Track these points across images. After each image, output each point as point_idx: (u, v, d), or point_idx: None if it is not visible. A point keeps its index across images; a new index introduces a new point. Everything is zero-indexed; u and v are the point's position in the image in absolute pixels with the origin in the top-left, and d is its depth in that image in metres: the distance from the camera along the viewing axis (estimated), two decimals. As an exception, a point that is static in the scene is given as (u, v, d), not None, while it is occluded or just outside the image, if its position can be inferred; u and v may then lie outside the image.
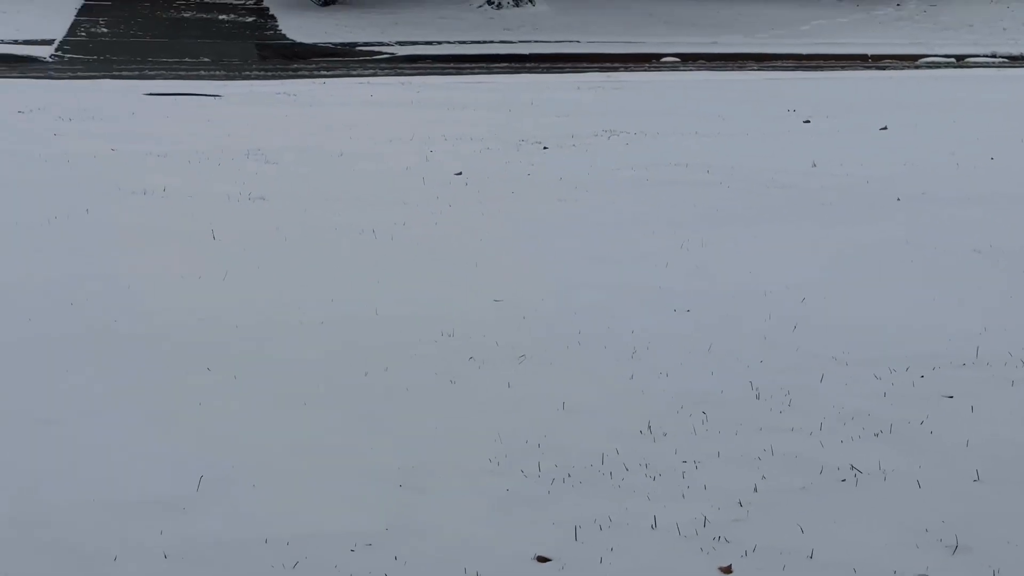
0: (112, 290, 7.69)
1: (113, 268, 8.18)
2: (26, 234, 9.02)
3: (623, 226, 9.55)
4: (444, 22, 30.12)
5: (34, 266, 8.21)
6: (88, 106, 15.40)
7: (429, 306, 7.48)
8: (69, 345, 6.71)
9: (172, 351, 6.67)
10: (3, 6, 31.38)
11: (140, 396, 6.05)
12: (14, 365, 6.43)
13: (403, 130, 13.84)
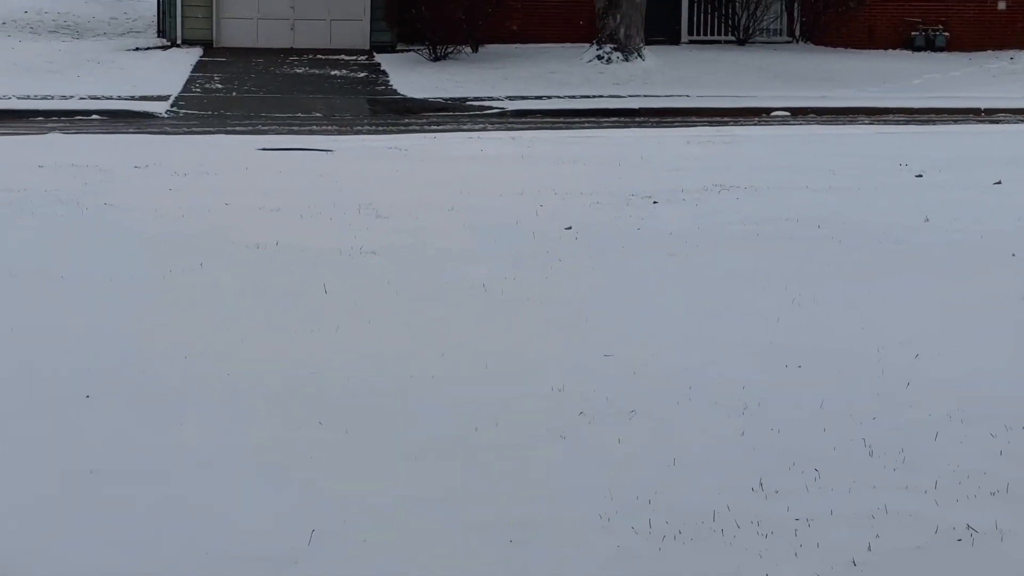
0: (225, 343, 7.76)
1: (226, 322, 8.25)
2: (141, 288, 9.13)
3: (734, 281, 9.51)
4: (554, 76, 30.21)
5: (149, 319, 8.31)
6: (202, 161, 15.59)
7: (539, 361, 7.48)
8: (182, 398, 6.77)
9: (284, 404, 6.71)
10: (121, 62, 31.90)
11: (252, 449, 6.10)
12: (128, 418, 6.49)
13: (513, 184, 13.88)
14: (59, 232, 11.03)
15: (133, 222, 11.53)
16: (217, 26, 34.32)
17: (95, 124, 24.19)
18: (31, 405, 6.65)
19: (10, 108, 25.85)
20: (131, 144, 18.41)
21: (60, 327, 8.06)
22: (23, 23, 39.90)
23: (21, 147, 17.55)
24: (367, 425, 6.41)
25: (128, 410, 6.59)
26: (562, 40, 34.18)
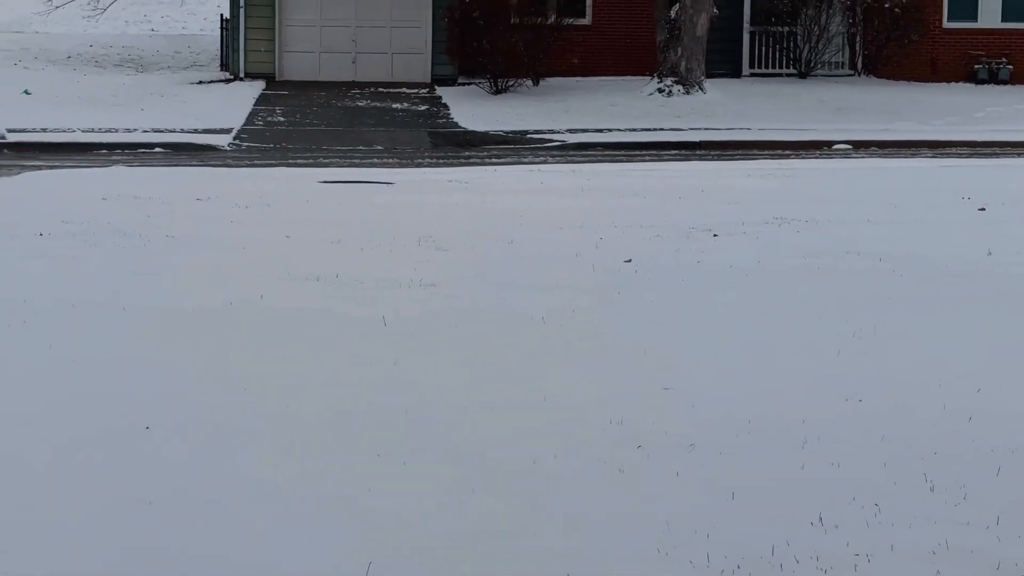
0: (284, 375, 7.78)
1: (285, 353, 8.28)
2: (202, 320, 9.17)
3: (794, 314, 9.47)
4: (615, 110, 30.23)
5: (208, 350, 8.35)
6: (264, 193, 15.66)
7: (597, 393, 7.46)
8: (240, 429, 6.79)
9: (342, 436, 6.72)
10: (185, 96, 32.14)
11: (310, 480, 6.10)
12: (187, 448, 6.51)
13: (573, 217, 13.88)
14: (121, 264, 11.10)
15: (195, 254, 11.59)
16: (280, 59, 34.55)
17: (158, 157, 24.38)
18: (90, 435, 6.69)
19: (75, 141, 26.09)
20: (193, 176, 18.53)
21: (121, 358, 8.11)
22: (88, 57, 40.28)
23: (85, 180, 17.69)
24: (424, 457, 6.41)
25: (187, 441, 6.61)
26: (623, 73, 34.22)
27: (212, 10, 46.19)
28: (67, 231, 12.63)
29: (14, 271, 10.75)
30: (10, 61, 38.77)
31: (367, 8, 34.64)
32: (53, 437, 6.65)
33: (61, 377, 7.68)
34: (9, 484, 6.06)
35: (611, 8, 35.05)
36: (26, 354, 8.17)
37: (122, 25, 47.55)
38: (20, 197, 15.55)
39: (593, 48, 34.69)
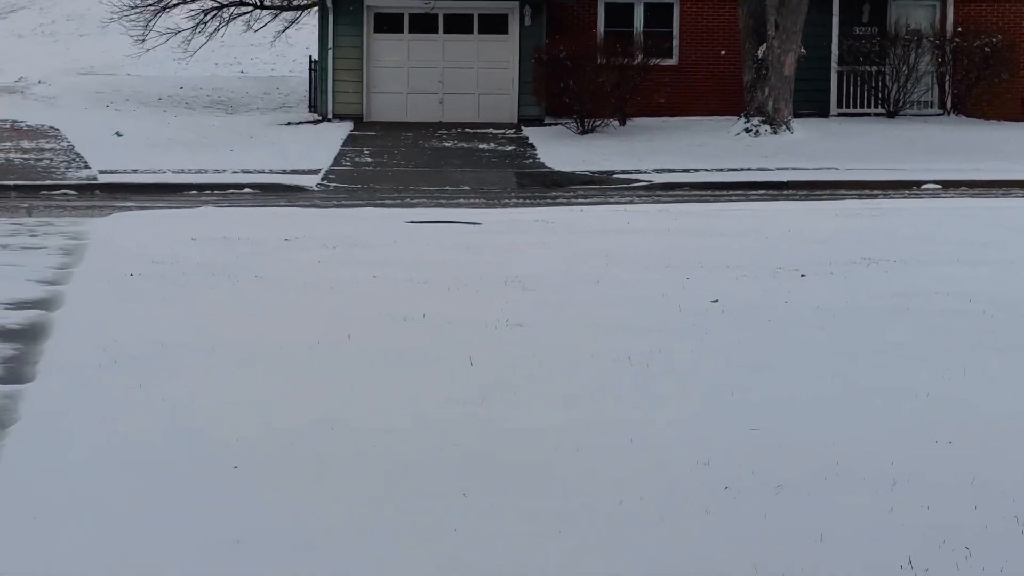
0: (371, 415, 7.81)
1: (372, 393, 8.31)
2: (290, 359, 9.22)
3: (883, 355, 9.40)
4: (701, 150, 30.18)
5: (296, 390, 8.38)
6: (351, 234, 15.75)
7: (684, 434, 7.43)
8: (328, 468, 6.81)
9: (428, 476, 6.73)
10: (273, 137, 32.40)
11: (396, 520, 6.11)
12: (275, 488, 6.54)
13: (660, 257, 13.85)
14: (210, 304, 11.19)
15: (282, 293, 11.67)
16: (367, 101, 34.77)
17: (247, 197, 24.58)
18: (180, 474, 6.73)
19: (165, 182, 26.36)
20: (282, 217, 18.67)
21: (210, 398, 8.17)
22: (179, 98, 40.73)
23: (175, 220, 17.86)
24: (511, 497, 6.41)
25: (274, 480, 6.64)
26: (710, 113, 34.18)
27: (301, 52, 46.57)
28: (157, 272, 12.74)
29: (105, 311, 10.85)
30: (102, 103, 39.28)
31: (455, 50, 34.82)
32: (143, 477, 6.70)
33: (151, 417, 7.75)
34: (105, 526, 6.11)
35: (698, 48, 35.03)
36: (116, 394, 8.24)
37: (212, 67, 48.05)
38: (111, 238, 15.71)
39: (680, 88, 34.67)
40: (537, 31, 34.32)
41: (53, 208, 22.74)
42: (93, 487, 6.58)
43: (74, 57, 54.24)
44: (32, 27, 62.87)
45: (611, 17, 35.00)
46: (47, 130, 33.59)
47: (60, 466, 6.86)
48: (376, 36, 34.88)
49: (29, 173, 27.47)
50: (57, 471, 6.78)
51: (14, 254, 14.39)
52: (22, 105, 39.46)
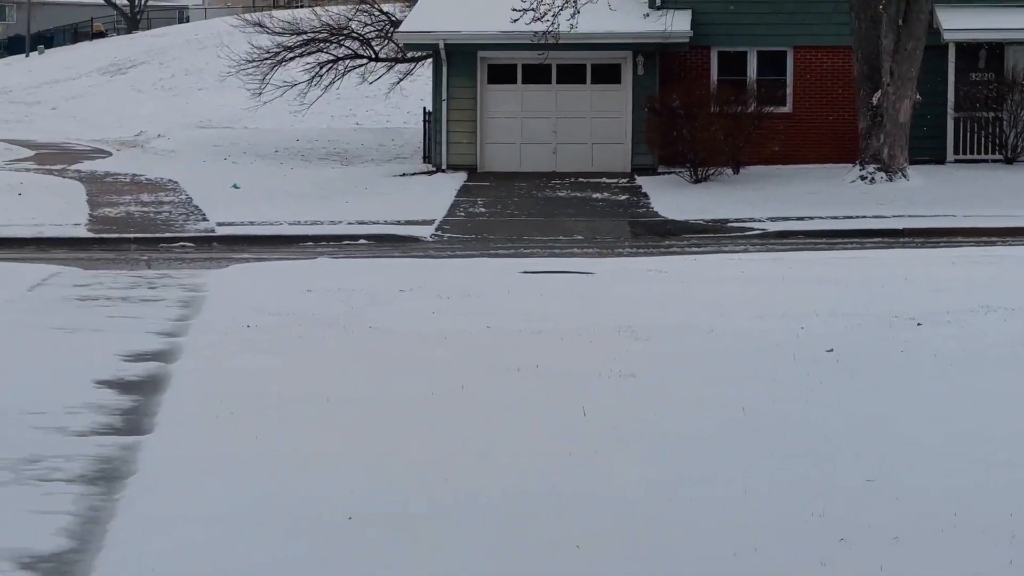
0: (484, 466, 7.82)
1: (485, 444, 8.33)
2: (404, 410, 9.27)
3: (1002, 404, 9.28)
4: (815, 197, 30.00)
5: (411, 441, 8.42)
6: (465, 284, 15.81)
7: (799, 485, 7.38)
8: (442, 520, 6.83)
9: (539, 528, 6.72)
10: (388, 188, 32.65)
11: (510, 572, 6.11)
12: (391, 537, 6.57)
13: (774, 306, 13.78)
14: (325, 356, 11.28)
15: (396, 344, 11.74)
16: (481, 151, 34.95)
17: (362, 248, 24.77)
18: (294, 526, 6.78)
19: (281, 233, 26.63)
20: (396, 268, 18.79)
21: (324, 449, 8.22)
22: (295, 151, 41.17)
23: (291, 272, 18.03)
24: (623, 550, 6.39)
25: (388, 530, 6.67)
26: (824, 161, 33.97)
27: (415, 103, 46.93)
28: (273, 323, 12.87)
29: (222, 363, 10.97)
30: (220, 156, 39.81)
31: (568, 100, 34.93)
32: (258, 530, 6.76)
33: (267, 470, 7.81)
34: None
35: (812, 96, 34.89)
36: (233, 446, 8.32)
37: (328, 119, 48.55)
38: (228, 290, 15.89)
39: (794, 136, 34.52)
40: (650, 80, 34.35)
41: (172, 260, 23.05)
42: (208, 540, 6.63)
43: (192, 111, 55.04)
44: (152, 82, 63.88)
45: (724, 65, 34.96)
46: (166, 183, 34.08)
47: (176, 518, 6.93)
48: (490, 87, 35.07)
49: (148, 226, 27.87)
50: (173, 522, 6.86)
51: (134, 306, 14.60)
52: (142, 159, 40.10)
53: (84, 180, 34.56)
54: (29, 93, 66.96)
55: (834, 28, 33.41)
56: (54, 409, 9.26)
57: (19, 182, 33.21)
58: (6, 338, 12.30)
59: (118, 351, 11.54)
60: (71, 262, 21.58)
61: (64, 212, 29.11)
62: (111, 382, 10.27)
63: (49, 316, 13.70)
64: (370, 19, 42.07)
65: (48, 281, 16.91)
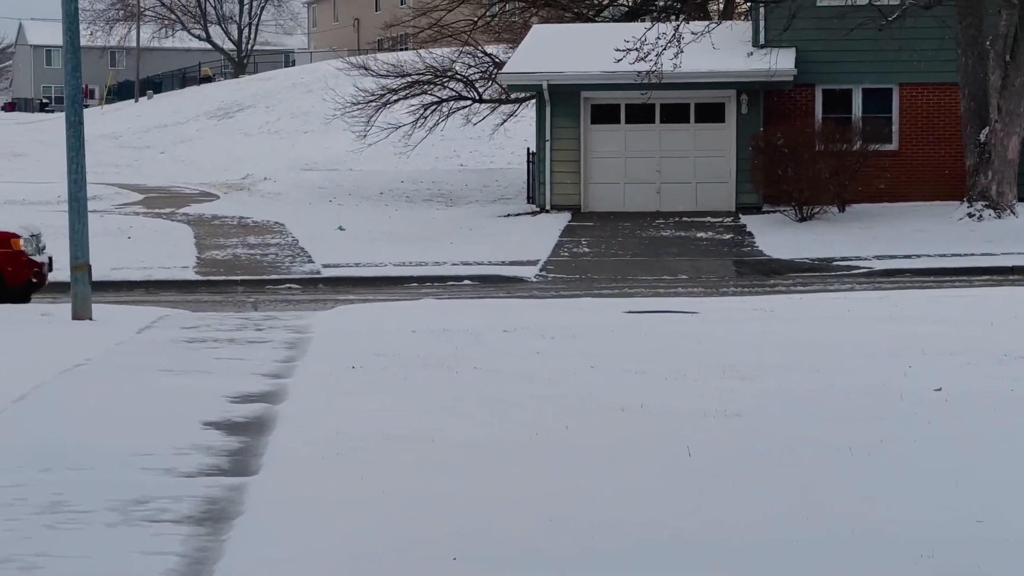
0: (588, 507, 7.80)
1: (590, 484, 8.30)
2: (510, 450, 9.26)
3: (1114, 444, 9.13)
4: (922, 235, 29.77)
5: (513, 481, 8.41)
6: (569, 324, 15.81)
7: (908, 526, 7.29)
8: (550, 560, 6.81)
9: (649, 570, 6.69)
10: (492, 228, 32.77)
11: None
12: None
13: (881, 345, 13.66)
14: (430, 396, 11.31)
15: (502, 385, 11.75)
16: (585, 191, 35.00)
17: (466, 289, 24.86)
18: (399, 566, 6.79)
19: (386, 275, 26.79)
20: (500, 308, 18.82)
21: (430, 490, 8.23)
22: (400, 192, 41.43)
23: (396, 313, 18.12)
24: (730, 591, 6.35)
25: (496, 574, 6.67)
26: (931, 198, 33.72)
27: (519, 144, 47.11)
28: (378, 364, 12.93)
29: (328, 404, 11.04)
30: (325, 198, 40.14)
31: (671, 139, 34.92)
32: (367, 572, 6.78)
33: (372, 509, 7.83)
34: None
35: (918, 133, 34.64)
36: (339, 487, 8.35)
37: (432, 160, 48.84)
38: (334, 331, 15.99)
39: (900, 173, 34.29)
40: (754, 119, 34.28)
41: (278, 302, 23.25)
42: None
43: (298, 153, 55.57)
44: (258, 125, 64.58)
45: (829, 103, 34.83)
46: (272, 225, 34.42)
47: (283, 559, 6.97)
48: (593, 127, 35.15)
49: (255, 268, 28.13)
50: (280, 564, 6.89)
51: (241, 348, 14.73)
52: (248, 202, 40.52)
53: (192, 223, 34.98)
54: (138, 137, 67.93)
55: (940, 65, 33.17)
56: (162, 450, 9.35)
57: (128, 226, 33.67)
58: (116, 381, 12.45)
59: (225, 392, 11.64)
60: (179, 304, 21.84)
61: (172, 255, 29.46)
62: (218, 423, 10.36)
63: (158, 358, 13.86)
64: (474, 61, 42.32)
65: (157, 323, 17.11)
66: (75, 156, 17.23)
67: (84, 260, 17.20)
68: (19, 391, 11.62)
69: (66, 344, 14.78)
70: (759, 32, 34.70)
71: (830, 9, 33.77)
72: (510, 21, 44.72)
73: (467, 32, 43.28)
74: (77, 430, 10.03)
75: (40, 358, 13.60)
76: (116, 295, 23.78)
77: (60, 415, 10.68)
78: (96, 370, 13.11)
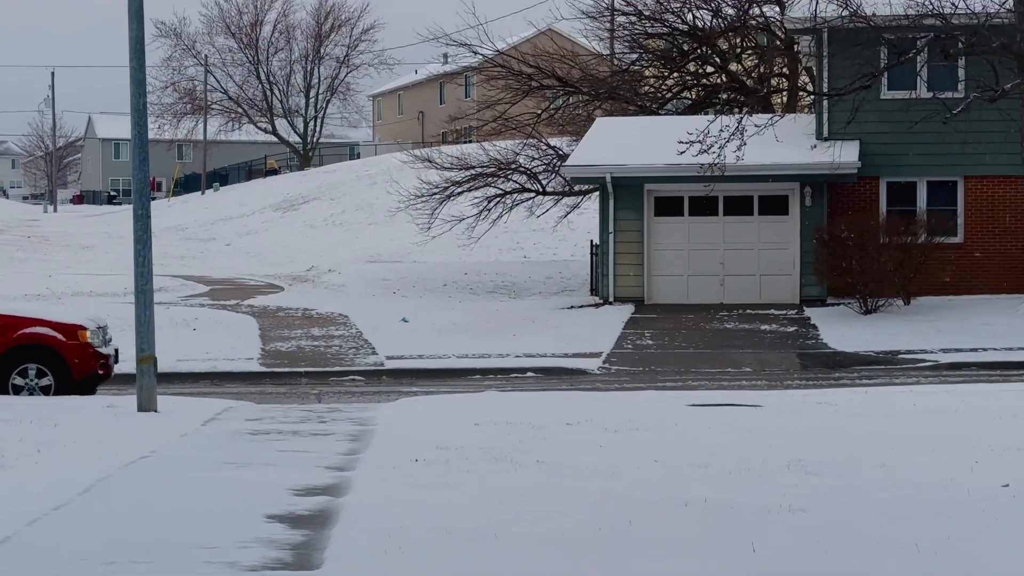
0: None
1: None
2: (573, 544, 9.22)
3: None
4: (988, 328, 29.57)
5: (579, 573, 8.39)
6: (632, 417, 15.77)
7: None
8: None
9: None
10: (555, 320, 32.76)
11: None
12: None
13: (947, 440, 13.56)
14: (493, 490, 11.28)
15: (563, 478, 11.72)
16: (648, 283, 34.99)
17: (529, 381, 24.84)
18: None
19: (449, 367, 26.81)
20: (563, 401, 18.80)
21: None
22: (463, 284, 41.54)
23: (458, 405, 18.13)
24: None
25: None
26: (997, 291, 33.54)
27: (582, 235, 47.20)
28: (441, 457, 12.93)
29: (391, 498, 11.03)
30: (389, 290, 40.30)
31: (735, 231, 34.91)
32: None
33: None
34: None
35: (983, 226, 34.49)
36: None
37: (495, 252, 49.00)
38: (397, 424, 16.02)
39: (965, 266, 34.13)
40: (818, 211, 34.24)
41: (341, 394, 23.30)
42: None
43: (362, 245, 55.90)
44: (324, 217, 65.04)
45: (893, 195, 34.75)
46: (336, 317, 34.56)
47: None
48: (656, 219, 35.19)
49: (319, 359, 28.22)
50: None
51: (304, 440, 14.77)
52: (313, 293, 40.73)
53: (256, 315, 35.17)
54: (204, 229, 68.54)
55: (1005, 158, 33.09)
56: (225, 543, 9.37)
57: (194, 317, 33.89)
58: (180, 473, 12.50)
59: (288, 485, 11.66)
60: (243, 396, 21.92)
61: (237, 346, 29.61)
62: (281, 516, 10.37)
63: (222, 451, 13.91)
64: (537, 153, 42.51)
65: (221, 415, 17.19)
66: (142, 249, 17.40)
67: (150, 352, 17.32)
68: (84, 483, 11.69)
69: (131, 436, 14.86)
70: (823, 125, 34.73)
71: (894, 102, 33.78)
72: (573, 114, 44.92)
73: (531, 125, 43.50)
74: (141, 523, 10.06)
75: (105, 450, 13.67)
76: (181, 386, 23.90)
77: (124, 508, 10.73)
78: (160, 462, 13.17)
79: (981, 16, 29.74)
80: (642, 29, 44.59)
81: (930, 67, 33.66)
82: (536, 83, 43.34)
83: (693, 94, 45.39)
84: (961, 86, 33.35)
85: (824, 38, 34.08)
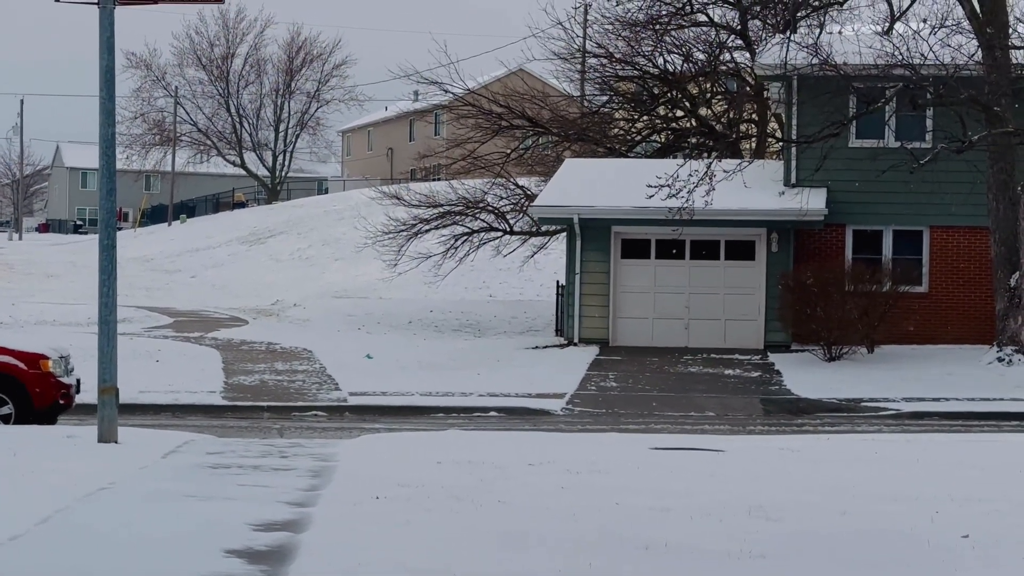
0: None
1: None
2: (531, 586, 9.21)
3: None
4: (951, 379, 29.67)
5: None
6: (595, 459, 15.75)
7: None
8: None
9: None
10: (519, 360, 32.77)
11: None
12: None
13: (908, 489, 13.57)
14: (454, 529, 11.26)
15: (526, 519, 11.69)
16: (613, 325, 35.03)
17: (492, 420, 24.82)
18: None
19: (413, 404, 26.77)
20: (526, 441, 18.77)
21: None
22: (428, 321, 41.53)
23: (421, 443, 18.08)
24: None
25: None
26: (960, 341, 33.68)
27: (548, 276, 47.27)
28: (403, 495, 12.88)
29: (351, 535, 10.99)
30: (354, 326, 40.25)
31: (701, 275, 35.00)
32: None
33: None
34: None
35: (948, 276, 34.66)
36: (359, 618, 8.31)
37: (461, 290, 49.03)
38: (359, 460, 15.96)
39: (929, 315, 34.28)
40: (784, 257, 34.37)
41: (304, 429, 23.24)
42: None
43: (328, 280, 55.87)
44: (290, 251, 64.98)
45: (859, 243, 34.91)
46: (300, 352, 34.49)
47: None
48: (623, 261, 35.27)
49: (282, 394, 28.15)
50: None
51: (265, 475, 14.70)
52: (277, 327, 40.67)
53: (220, 347, 35.08)
54: (170, 261, 68.41)
55: (971, 208, 33.29)
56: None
57: (157, 349, 33.78)
58: (139, 505, 12.42)
59: (248, 520, 11.60)
60: (205, 429, 21.84)
61: (200, 379, 29.52)
62: (240, 551, 10.31)
63: (182, 483, 13.83)
64: (505, 192, 42.59)
65: (182, 448, 17.10)
66: (107, 279, 17.33)
67: (112, 383, 17.23)
68: (42, 514, 11.60)
69: (91, 467, 14.77)
70: (791, 171, 34.88)
71: (862, 151, 33.97)
72: (542, 154, 45.06)
73: (500, 164, 43.59)
74: (98, 556, 9.99)
75: (64, 481, 13.58)
76: (143, 418, 23.79)
77: (81, 540, 10.65)
78: (119, 494, 13.09)
79: (950, 68, 29.94)
80: (613, 72, 44.75)
81: (898, 117, 33.86)
82: (506, 123, 43.44)
83: (662, 137, 45.57)
84: (929, 136, 33.57)
85: (794, 85, 34.27)
